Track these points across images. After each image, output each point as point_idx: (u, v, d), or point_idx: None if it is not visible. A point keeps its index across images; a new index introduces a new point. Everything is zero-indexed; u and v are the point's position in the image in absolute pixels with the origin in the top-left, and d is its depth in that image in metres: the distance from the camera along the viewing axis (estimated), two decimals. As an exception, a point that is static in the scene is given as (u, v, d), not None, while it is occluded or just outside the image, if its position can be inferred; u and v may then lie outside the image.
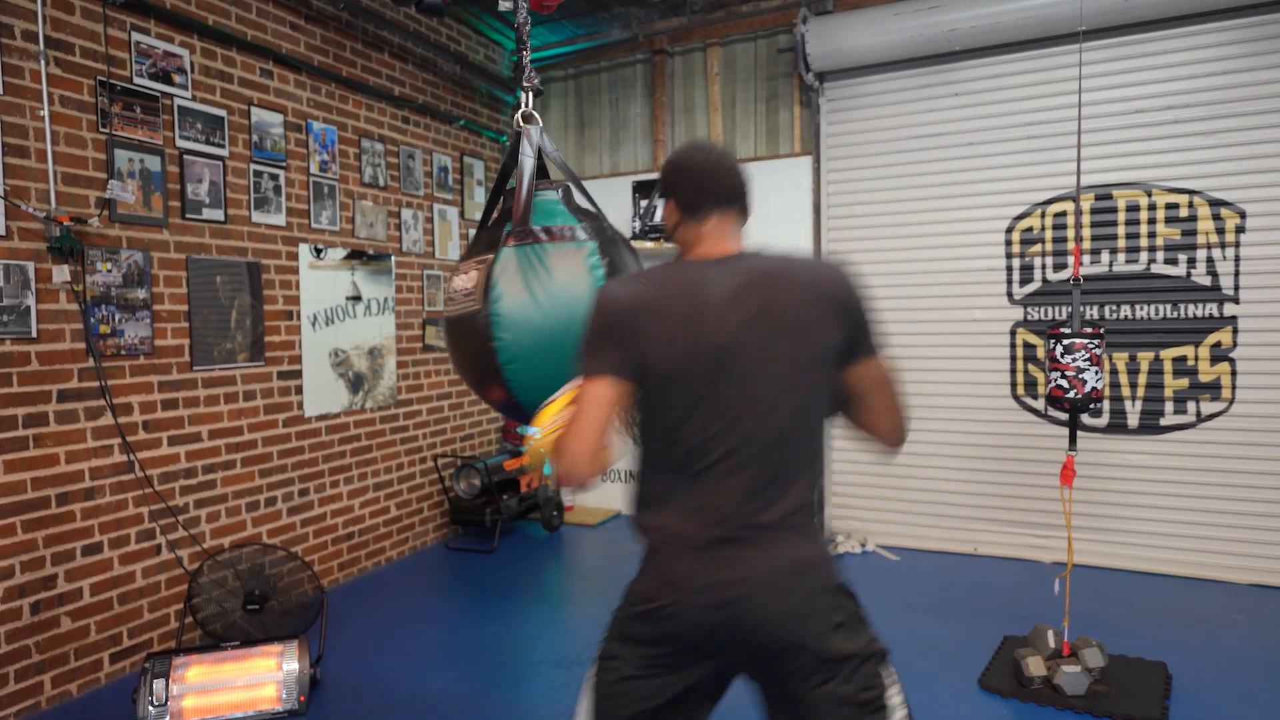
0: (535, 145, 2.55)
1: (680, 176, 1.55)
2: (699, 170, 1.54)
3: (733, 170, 1.55)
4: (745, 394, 1.41)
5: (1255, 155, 3.99)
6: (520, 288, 2.26)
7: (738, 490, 1.41)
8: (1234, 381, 4.08)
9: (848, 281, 1.49)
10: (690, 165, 1.55)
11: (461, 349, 2.38)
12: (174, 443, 3.44)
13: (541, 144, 2.57)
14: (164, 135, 3.39)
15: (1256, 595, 3.91)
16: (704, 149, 1.58)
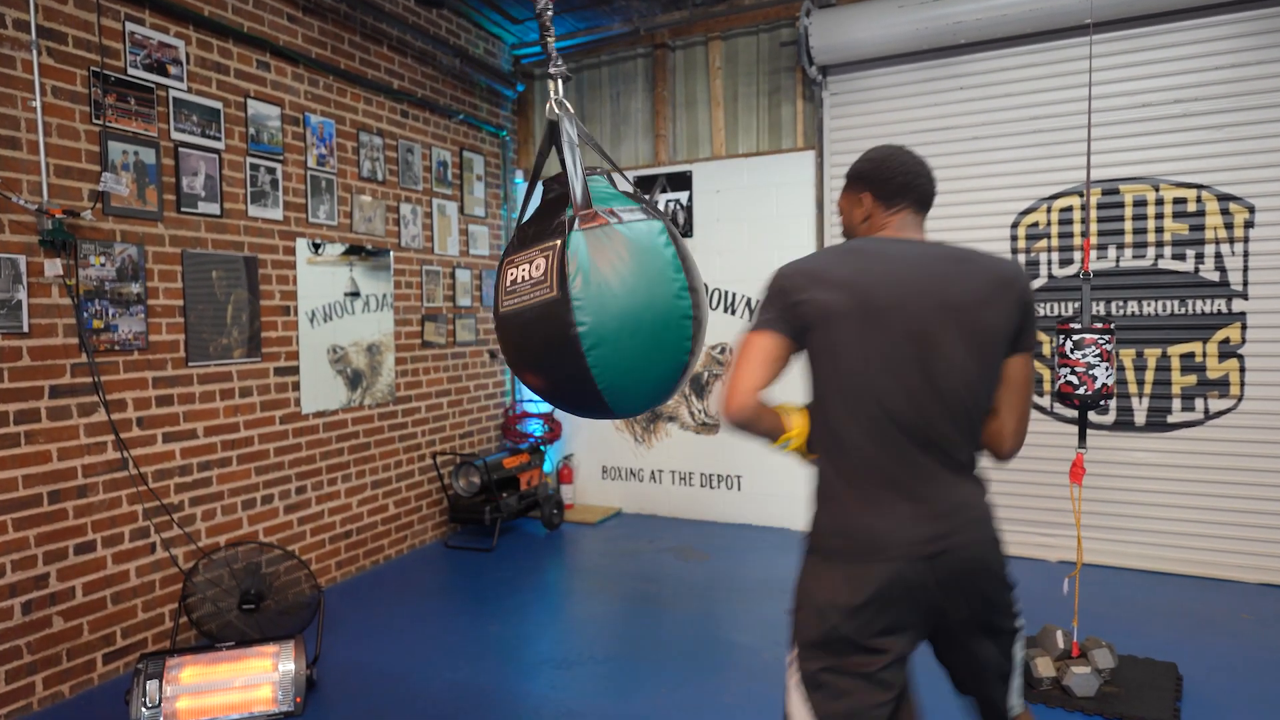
0: (575, 131, 2.50)
1: (886, 170, 1.70)
2: (905, 168, 1.70)
3: (930, 176, 1.73)
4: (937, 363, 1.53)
5: (1265, 149, 3.94)
6: (598, 270, 2.24)
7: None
8: (1242, 378, 4.03)
9: (1025, 277, 1.64)
10: (896, 162, 1.70)
11: (531, 342, 2.27)
12: (169, 440, 3.39)
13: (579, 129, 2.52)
14: (159, 127, 3.34)
15: (1266, 595, 3.87)
16: (908, 152, 1.74)
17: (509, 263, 2.33)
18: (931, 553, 1.50)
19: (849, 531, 1.55)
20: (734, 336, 5.20)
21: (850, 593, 1.51)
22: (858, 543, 1.53)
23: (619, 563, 4.58)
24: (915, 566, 1.50)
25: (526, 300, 2.25)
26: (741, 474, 5.26)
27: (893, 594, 1.50)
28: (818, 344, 1.60)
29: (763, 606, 3.84)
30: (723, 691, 3.00)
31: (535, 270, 2.28)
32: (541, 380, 2.35)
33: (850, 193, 1.78)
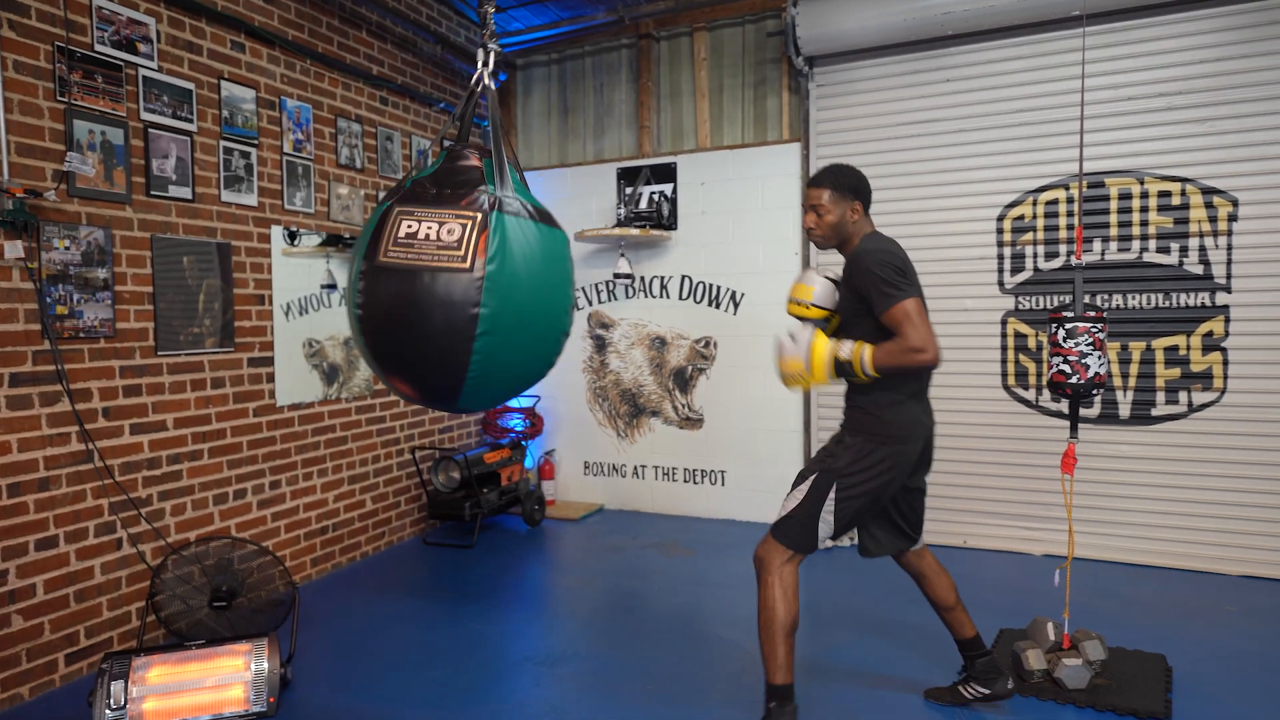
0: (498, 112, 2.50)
1: (866, 185, 2.58)
2: (868, 183, 2.60)
3: None
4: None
5: (1248, 143, 3.95)
6: (513, 259, 2.17)
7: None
8: (1225, 371, 4.04)
9: None
10: (866, 179, 2.60)
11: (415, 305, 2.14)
12: (136, 431, 3.27)
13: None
14: (127, 107, 3.22)
15: (1248, 586, 3.87)
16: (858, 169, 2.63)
17: (405, 213, 2.20)
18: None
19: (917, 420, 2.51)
20: (718, 331, 5.19)
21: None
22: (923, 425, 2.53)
23: (602, 559, 4.50)
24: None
25: (427, 261, 2.13)
26: (725, 469, 5.21)
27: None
28: None
29: (748, 602, 3.78)
30: (709, 688, 2.94)
31: (447, 234, 2.17)
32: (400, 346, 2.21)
33: (844, 200, 2.55)
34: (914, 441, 2.46)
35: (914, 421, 2.46)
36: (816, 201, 2.57)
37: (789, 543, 2.46)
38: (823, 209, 2.56)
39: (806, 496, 2.45)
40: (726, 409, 5.18)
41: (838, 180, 2.55)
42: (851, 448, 2.46)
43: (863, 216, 2.57)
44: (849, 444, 2.47)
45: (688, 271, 5.24)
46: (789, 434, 5.00)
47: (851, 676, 3.03)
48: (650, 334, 5.37)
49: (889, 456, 2.42)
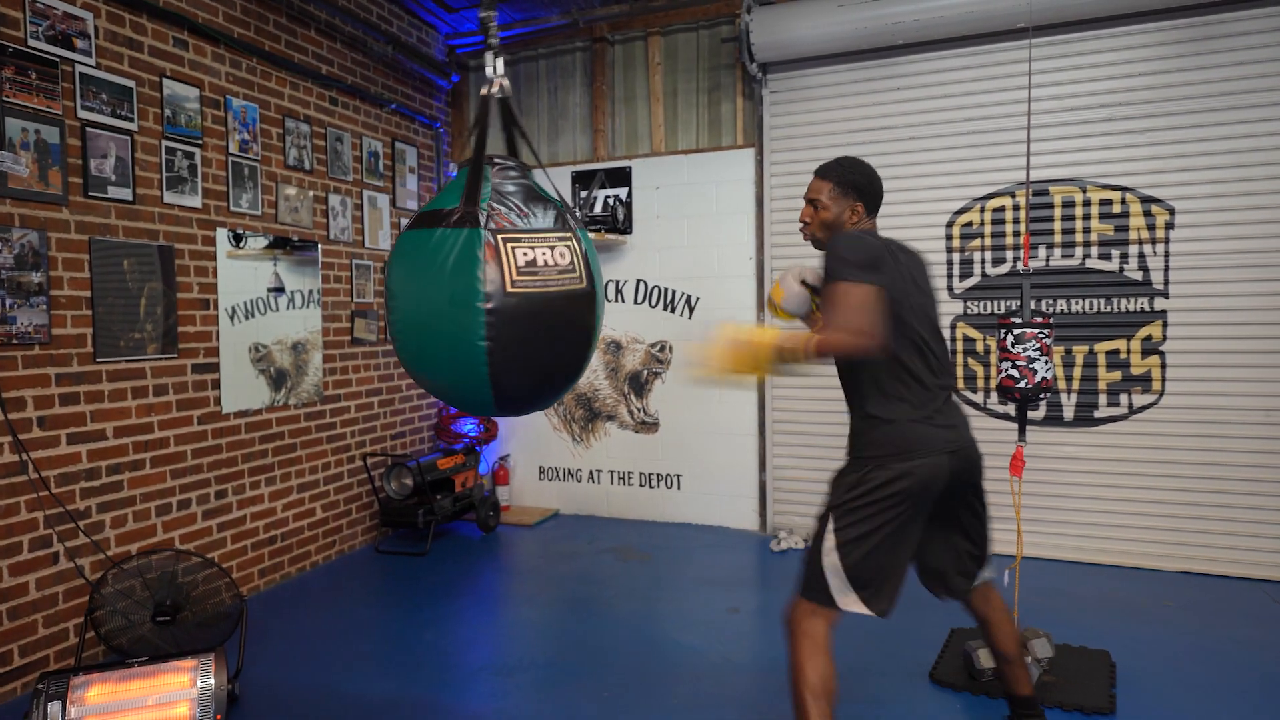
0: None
1: (877, 189, 2.34)
2: (881, 187, 2.36)
3: None
4: (935, 322, 2.28)
5: (1184, 154, 4.09)
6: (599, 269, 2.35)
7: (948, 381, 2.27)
8: (1164, 375, 4.17)
9: None
10: (879, 181, 2.36)
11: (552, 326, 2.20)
12: (74, 441, 3.15)
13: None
14: (63, 105, 3.10)
15: (1186, 582, 4.01)
16: (870, 166, 2.38)
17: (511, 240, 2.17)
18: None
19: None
20: (673, 335, 5.20)
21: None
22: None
23: (558, 565, 4.47)
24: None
25: (553, 286, 2.17)
26: (681, 473, 5.22)
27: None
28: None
29: (705, 605, 3.80)
30: (667, 693, 2.94)
31: (559, 257, 2.21)
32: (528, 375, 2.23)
33: (846, 199, 2.32)
34: (926, 458, 2.09)
35: (920, 438, 2.11)
36: (816, 195, 2.35)
37: (807, 593, 2.17)
38: (822, 204, 2.34)
39: (812, 539, 2.20)
40: (682, 413, 5.20)
41: (844, 175, 2.32)
42: (847, 477, 2.18)
43: (864, 219, 2.33)
44: (845, 474, 2.20)
45: (643, 275, 5.25)
46: (744, 437, 5.03)
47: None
48: (605, 338, 5.36)
49: (893, 482, 2.08)
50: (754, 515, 5.04)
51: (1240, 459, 4.05)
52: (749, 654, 3.29)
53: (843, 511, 2.12)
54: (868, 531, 2.08)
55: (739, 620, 3.64)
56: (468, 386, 2.13)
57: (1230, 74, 4.00)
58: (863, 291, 2.02)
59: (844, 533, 2.10)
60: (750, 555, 4.61)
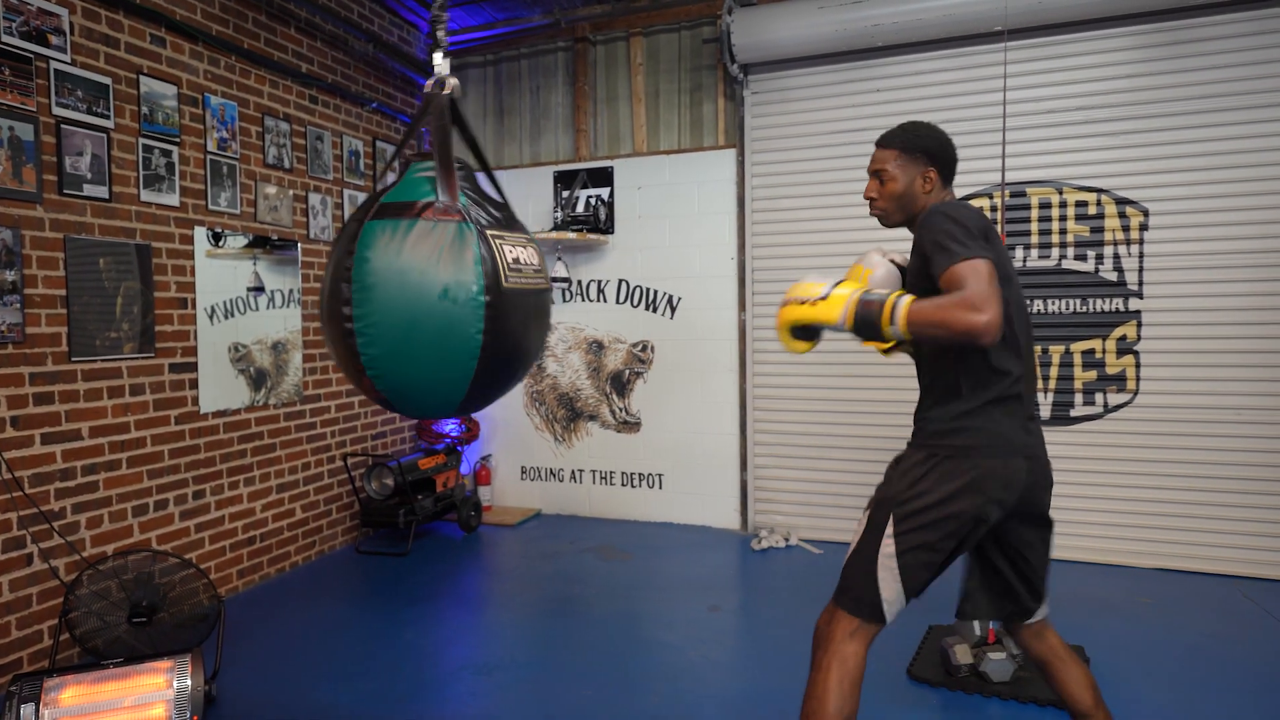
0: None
1: (952, 153, 2.05)
2: (955, 153, 2.06)
3: None
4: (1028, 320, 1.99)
5: (1158, 156, 4.15)
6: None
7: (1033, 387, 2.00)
8: (1138, 374, 4.23)
9: None
10: (953, 147, 2.06)
11: (531, 323, 2.30)
12: (48, 441, 3.12)
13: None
14: (38, 101, 3.07)
15: (1161, 579, 4.06)
16: (941, 129, 2.08)
17: (499, 239, 2.21)
18: None
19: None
20: (655, 334, 5.21)
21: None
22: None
23: (539, 564, 4.47)
24: None
25: (531, 284, 2.26)
26: (662, 472, 5.23)
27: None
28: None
29: (686, 604, 3.81)
30: (648, 691, 2.95)
31: (531, 256, 2.31)
32: (509, 373, 2.29)
33: (915, 164, 2.02)
34: (1006, 459, 1.84)
35: (1004, 435, 1.85)
36: (881, 165, 2.05)
37: (851, 606, 1.88)
38: (887, 175, 2.04)
39: (861, 536, 1.92)
40: (664, 412, 5.21)
41: (910, 140, 2.03)
42: (913, 466, 1.89)
43: (939, 187, 2.03)
44: (910, 461, 1.92)
45: (625, 275, 5.25)
46: (725, 436, 5.05)
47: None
48: (587, 338, 5.36)
49: (967, 477, 1.82)
50: (735, 514, 5.06)
51: (1212, 457, 4.11)
52: (729, 653, 3.31)
53: (908, 510, 1.84)
54: (934, 538, 1.82)
55: (719, 619, 3.66)
56: (446, 381, 2.11)
57: (1203, 78, 4.06)
58: (989, 267, 1.69)
59: (907, 537, 1.84)
60: (731, 554, 4.62)
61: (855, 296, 1.81)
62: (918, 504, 1.84)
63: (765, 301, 4.92)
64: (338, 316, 2.04)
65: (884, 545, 1.85)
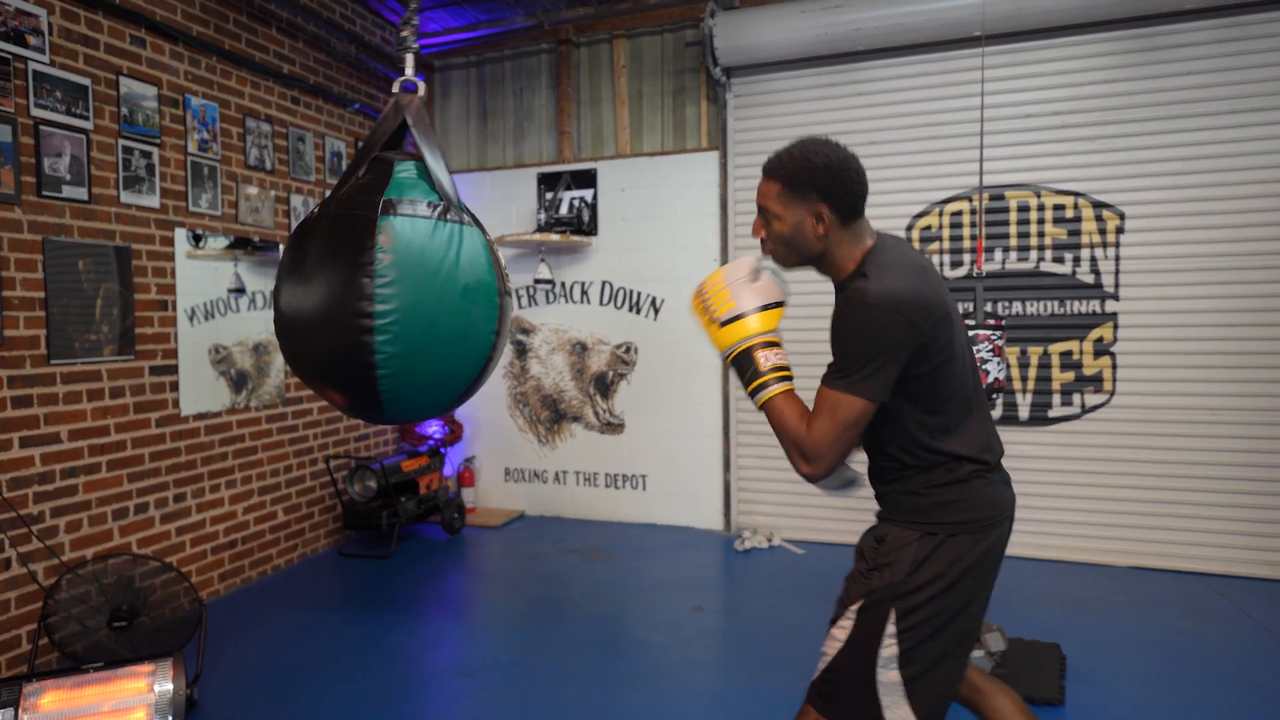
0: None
1: (848, 183, 1.60)
2: (860, 180, 1.62)
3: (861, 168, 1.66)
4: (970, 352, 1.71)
5: (1134, 160, 4.21)
6: None
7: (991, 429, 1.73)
8: (1114, 375, 4.29)
9: None
10: (854, 172, 1.61)
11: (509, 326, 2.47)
12: (27, 444, 3.10)
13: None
14: (16, 102, 3.05)
15: (1136, 577, 4.12)
16: (839, 148, 1.63)
17: (495, 242, 2.35)
18: None
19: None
20: (638, 336, 5.23)
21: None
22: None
23: (523, 566, 4.48)
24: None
25: (510, 287, 2.38)
26: (646, 473, 5.25)
27: None
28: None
29: (669, 605, 3.83)
30: (632, 691, 2.96)
31: (502, 258, 2.45)
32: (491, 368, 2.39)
33: (804, 202, 1.62)
34: (999, 528, 1.64)
35: (995, 500, 1.64)
36: (764, 201, 1.68)
37: (837, 715, 1.59)
38: (769, 211, 1.67)
39: (852, 637, 1.60)
40: (647, 414, 5.23)
41: (794, 170, 1.61)
42: (907, 548, 1.60)
43: (840, 229, 1.63)
44: (899, 542, 1.62)
45: (608, 277, 5.27)
46: (708, 438, 5.07)
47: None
48: (571, 339, 5.37)
49: (969, 554, 1.58)
50: (718, 515, 5.08)
51: (1187, 457, 4.18)
52: (712, 652, 3.33)
53: (912, 602, 1.56)
54: (941, 624, 1.56)
55: (702, 619, 3.68)
56: (452, 380, 2.13)
57: (1177, 83, 4.13)
58: (852, 409, 1.54)
59: (910, 634, 1.55)
60: (714, 555, 4.65)
61: (741, 347, 1.67)
62: (929, 598, 1.55)
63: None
64: (348, 313, 1.94)
65: (883, 646, 1.55)
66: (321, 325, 2.00)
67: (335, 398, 2.15)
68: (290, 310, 2.08)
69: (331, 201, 2.16)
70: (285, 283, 2.14)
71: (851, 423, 1.54)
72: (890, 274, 1.55)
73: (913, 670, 1.54)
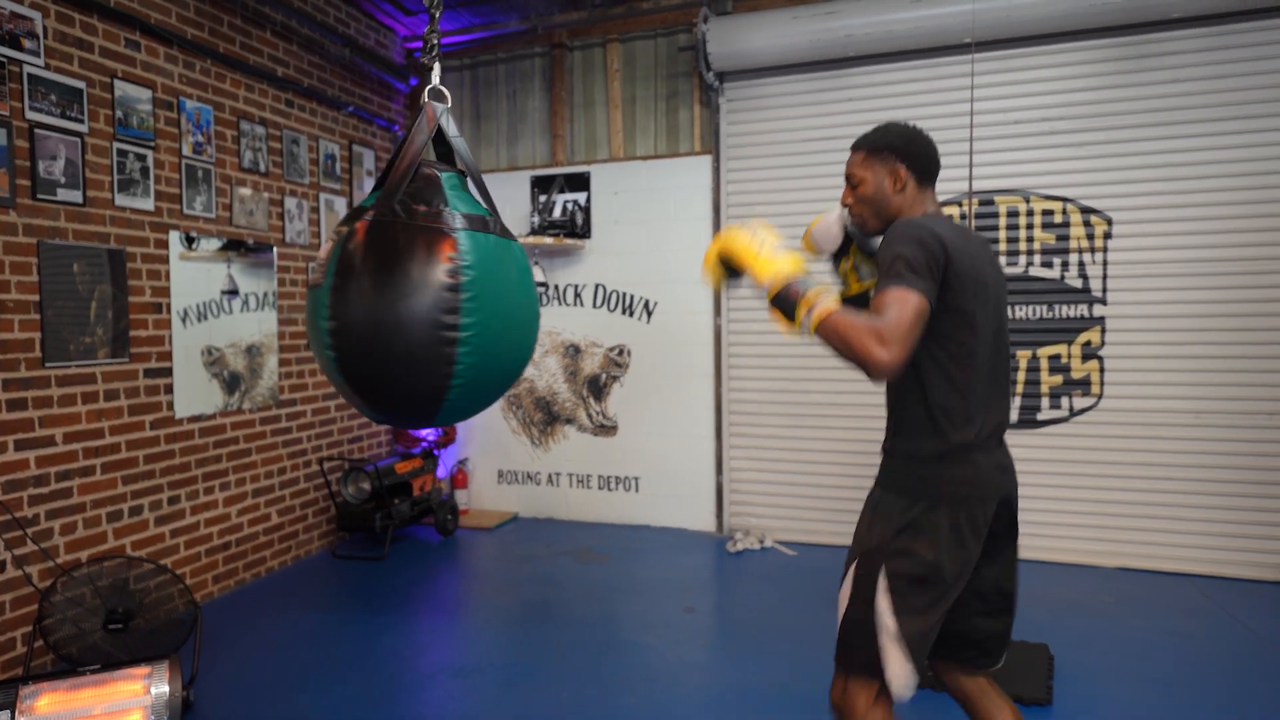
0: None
1: (922, 148, 1.90)
2: (932, 149, 1.92)
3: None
4: (1005, 351, 1.92)
5: (1121, 166, 4.26)
6: None
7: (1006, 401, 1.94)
8: (1102, 378, 4.34)
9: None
10: (927, 142, 1.91)
11: None
12: (21, 447, 3.10)
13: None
14: (11, 105, 3.05)
15: (1123, 578, 4.17)
16: (913, 126, 1.95)
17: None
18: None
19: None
20: (631, 339, 5.26)
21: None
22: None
23: (516, 567, 4.50)
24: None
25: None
26: (639, 475, 5.27)
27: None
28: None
29: (662, 606, 3.86)
30: (625, 692, 2.99)
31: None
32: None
33: (883, 163, 1.90)
34: (984, 503, 1.77)
35: (982, 477, 1.78)
36: (851, 169, 1.95)
37: (859, 669, 1.76)
38: (856, 177, 1.93)
39: (852, 594, 1.81)
40: (640, 416, 5.25)
41: (876, 138, 1.92)
42: (891, 513, 1.80)
43: (915, 189, 1.89)
44: (886, 507, 1.82)
45: (602, 280, 5.29)
46: (701, 440, 5.11)
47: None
48: (564, 342, 5.40)
49: (948, 521, 1.74)
50: (711, 517, 5.12)
51: (1173, 459, 4.23)
52: (705, 653, 3.36)
53: (897, 559, 1.75)
54: (922, 577, 1.74)
55: (695, 620, 3.71)
56: (502, 388, 2.17)
57: (1164, 90, 4.18)
58: (916, 304, 1.63)
59: (898, 580, 1.74)
60: (707, 556, 4.68)
61: (789, 273, 1.75)
62: (910, 554, 1.74)
63: (741, 306, 4.98)
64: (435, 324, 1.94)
65: (879, 601, 1.74)
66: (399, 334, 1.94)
67: (381, 403, 2.09)
68: (363, 317, 2.00)
69: (390, 209, 2.06)
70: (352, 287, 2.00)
71: (913, 312, 1.63)
72: (933, 220, 1.79)
73: (902, 618, 1.73)
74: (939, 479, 1.77)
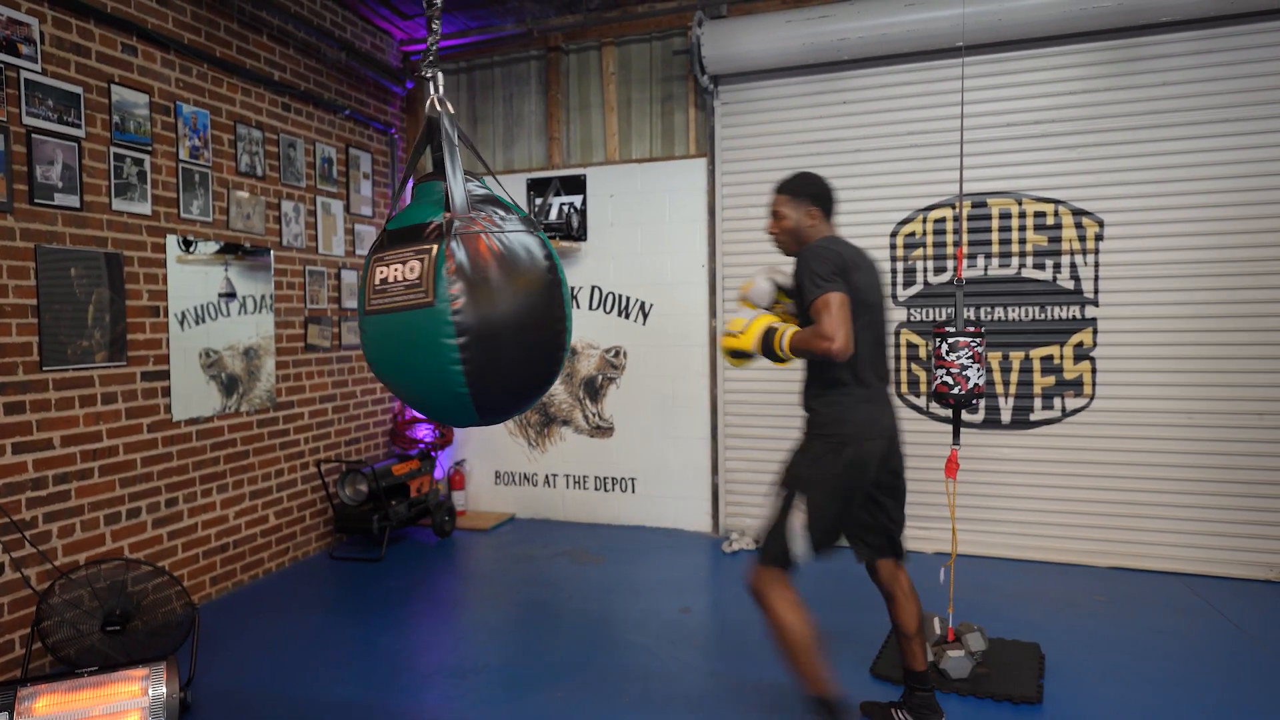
0: (455, 132, 2.47)
1: (826, 192, 2.64)
2: (832, 191, 2.65)
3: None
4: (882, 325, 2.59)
5: (1112, 169, 4.29)
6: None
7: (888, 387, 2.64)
8: (1094, 379, 4.37)
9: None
10: (829, 187, 2.65)
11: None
12: (19, 450, 3.12)
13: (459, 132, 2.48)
14: (8, 111, 3.07)
15: (1115, 577, 4.20)
16: (819, 175, 2.68)
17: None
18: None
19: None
20: (627, 340, 5.28)
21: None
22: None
23: (513, 568, 4.52)
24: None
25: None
26: (635, 476, 5.30)
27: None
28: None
29: (658, 606, 3.88)
30: (620, 692, 3.01)
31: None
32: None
33: (801, 205, 2.62)
34: (871, 441, 2.45)
35: (869, 421, 2.47)
36: (776, 207, 2.65)
37: (770, 560, 2.45)
38: (781, 214, 2.64)
39: (774, 509, 2.48)
40: (636, 417, 5.28)
41: (796, 185, 2.64)
42: (809, 452, 2.49)
43: (821, 222, 2.62)
44: (806, 448, 2.51)
45: (598, 282, 5.32)
46: (697, 441, 5.13)
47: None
48: (561, 343, 5.41)
49: (846, 458, 2.42)
50: (706, 517, 5.14)
51: (1164, 459, 4.26)
52: (700, 653, 3.38)
53: (809, 486, 2.41)
54: (825, 500, 2.40)
55: (690, 620, 3.73)
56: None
57: (1155, 93, 4.21)
58: (839, 298, 2.31)
59: (809, 500, 2.39)
60: (703, 557, 4.70)
61: (761, 329, 2.49)
62: (818, 483, 2.41)
63: (736, 308, 5.01)
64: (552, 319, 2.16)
65: (796, 513, 2.41)
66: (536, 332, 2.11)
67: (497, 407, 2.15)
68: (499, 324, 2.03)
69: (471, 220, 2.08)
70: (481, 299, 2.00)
71: (840, 306, 2.30)
72: (831, 240, 2.52)
73: (812, 526, 2.39)
74: (839, 424, 2.45)
